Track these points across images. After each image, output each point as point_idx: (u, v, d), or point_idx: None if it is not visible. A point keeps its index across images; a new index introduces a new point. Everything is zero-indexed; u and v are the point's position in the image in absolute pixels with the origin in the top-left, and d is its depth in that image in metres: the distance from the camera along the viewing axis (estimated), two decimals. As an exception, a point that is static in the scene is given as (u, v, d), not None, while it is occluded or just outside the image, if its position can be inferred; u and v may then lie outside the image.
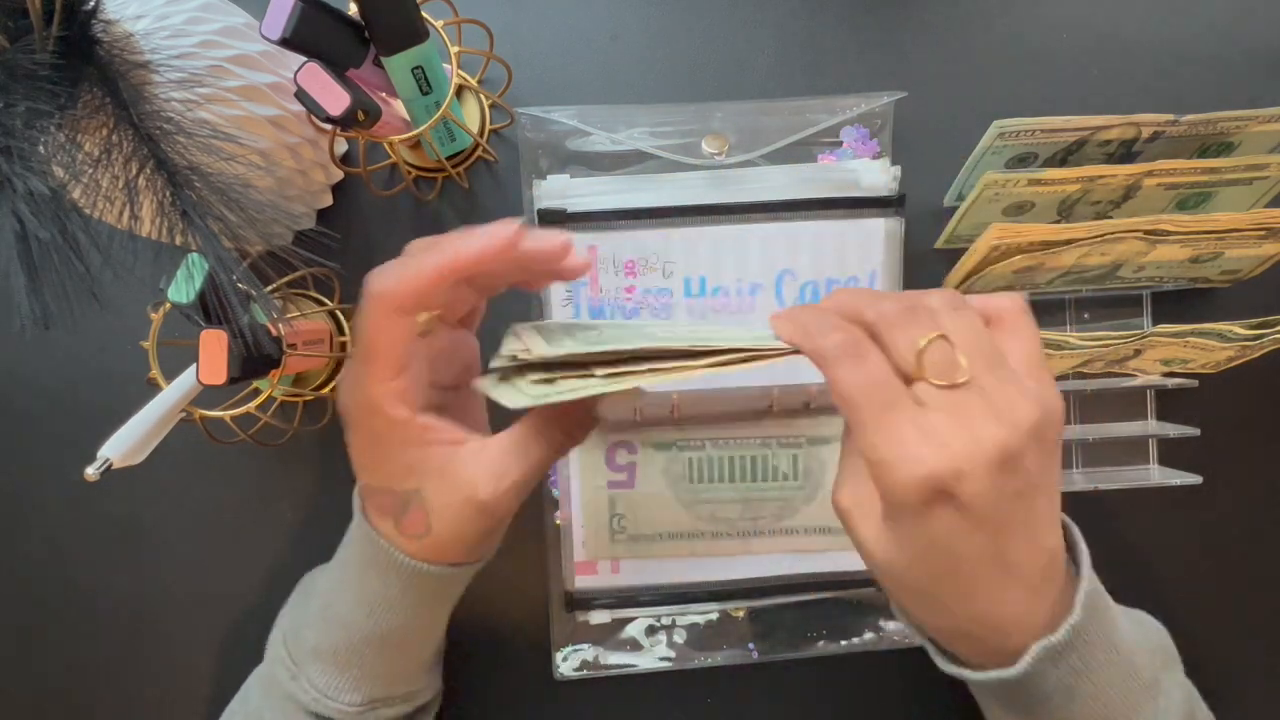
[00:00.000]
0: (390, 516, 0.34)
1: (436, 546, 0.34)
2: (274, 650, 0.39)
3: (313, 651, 0.37)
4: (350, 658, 0.36)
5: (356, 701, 0.36)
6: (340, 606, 0.37)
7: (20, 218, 0.28)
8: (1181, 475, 0.49)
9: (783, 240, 0.47)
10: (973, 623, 0.30)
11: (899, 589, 0.31)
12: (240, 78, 0.37)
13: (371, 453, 0.34)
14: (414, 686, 0.40)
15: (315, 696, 0.36)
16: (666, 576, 0.50)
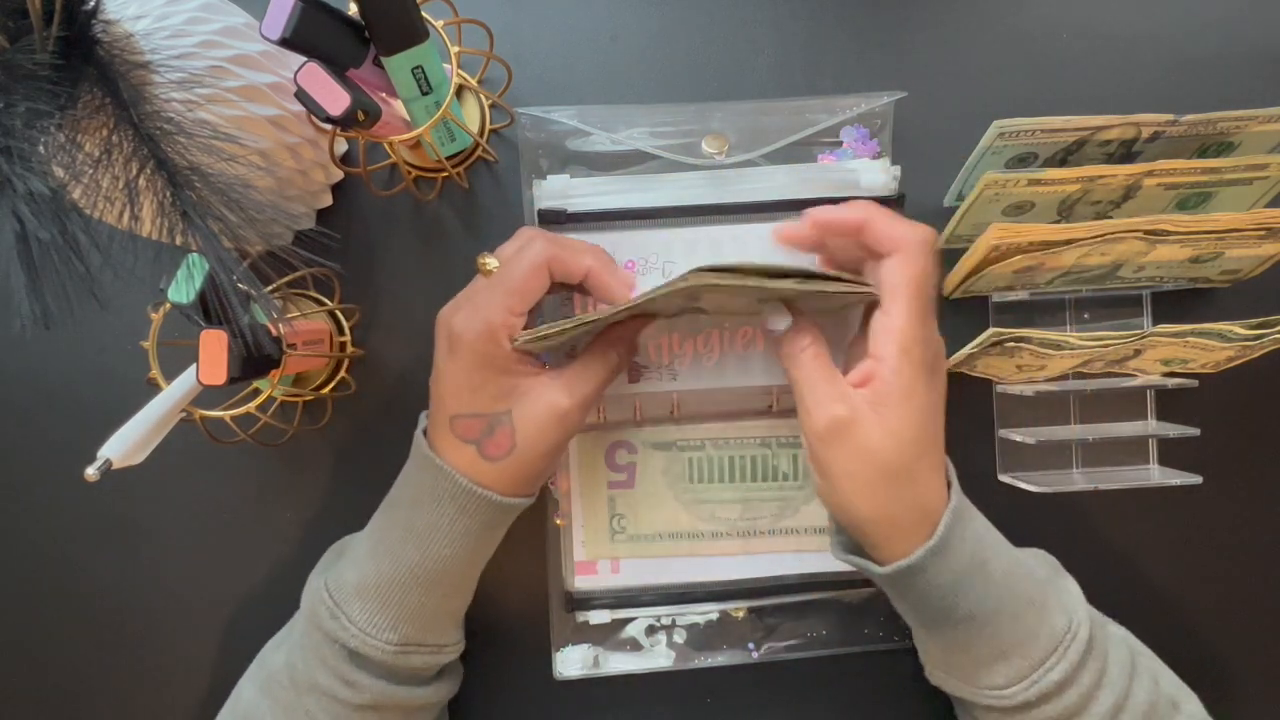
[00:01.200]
0: (474, 441, 0.38)
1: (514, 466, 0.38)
2: (313, 594, 0.40)
3: (355, 589, 0.38)
4: (392, 593, 0.38)
5: (394, 640, 0.38)
6: (388, 542, 0.39)
7: (20, 218, 0.28)
8: (1181, 475, 0.49)
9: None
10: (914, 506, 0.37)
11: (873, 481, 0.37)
12: (240, 78, 0.38)
13: (471, 378, 0.39)
14: (443, 639, 0.41)
15: (355, 633, 0.37)
16: (666, 576, 0.50)
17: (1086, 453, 0.51)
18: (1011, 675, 0.37)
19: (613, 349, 0.42)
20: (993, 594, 0.37)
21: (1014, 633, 0.36)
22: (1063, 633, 0.36)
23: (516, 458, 0.38)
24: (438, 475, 0.38)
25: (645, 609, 0.50)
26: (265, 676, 0.40)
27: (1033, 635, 0.36)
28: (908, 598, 0.39)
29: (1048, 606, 0.37)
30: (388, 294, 0.50)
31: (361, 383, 0.50)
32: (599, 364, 0.41)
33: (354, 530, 0.48)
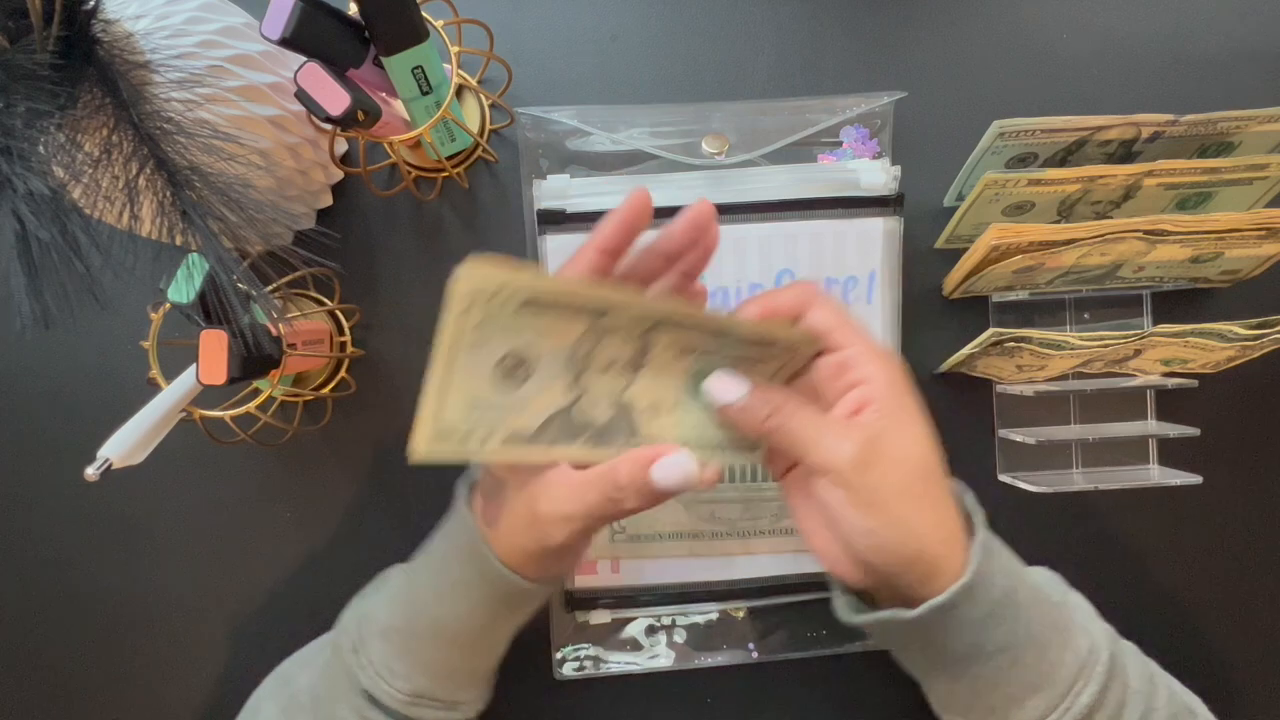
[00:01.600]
0: (484, 494, 0.37)
1: (503, 541, 0.36)
2: (342, 624, 0.39)
3: (382, 630, 0.38)
4: (411, 641, 0.37)
5: (405, 690, 0.37)
6: (415, 588, 0.38)
7: (20, 218, 0.28)
8: (1181, 475, 0.49)
9: (782, 240, 0.47)
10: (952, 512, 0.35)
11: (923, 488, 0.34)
12: (240, 78, 0.37)
13: None
14: (459, 696, 0.40)
15: (370, 675, 0.37)
16: (666, 576, 0.49)
17: (1086, 453, 0.51)
18: (1044, 707, 0.35)
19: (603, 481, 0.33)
20: (1023, 623, 0.35)
21: (1043, 662, 0.35)
22: (1086, 654, 0.35)
23: (499, 534, 0.36)
24: (468, 534, 0.36)
25: (645, 609, 0.50)
26: (288, 697, 0.40)
27: (1060, 662, 0.35)
28: (934, 641, 0.36)
29: (1070, 630, 0.36)
30: (388, 294, 0.50)
31: (361, 383, 0.50)
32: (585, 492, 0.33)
33: (354, 531, 0.48)
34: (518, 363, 0.31)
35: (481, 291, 0.28)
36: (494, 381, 0.31)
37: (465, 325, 0.29)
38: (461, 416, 0.30)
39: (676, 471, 0.32)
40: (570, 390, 0.33)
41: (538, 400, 0.32)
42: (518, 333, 0.30)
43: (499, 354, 0.30)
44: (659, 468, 0.32)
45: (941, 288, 0.51)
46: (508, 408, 0.31)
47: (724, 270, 0.48)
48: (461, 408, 0.30)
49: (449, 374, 0.29)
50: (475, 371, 0.30)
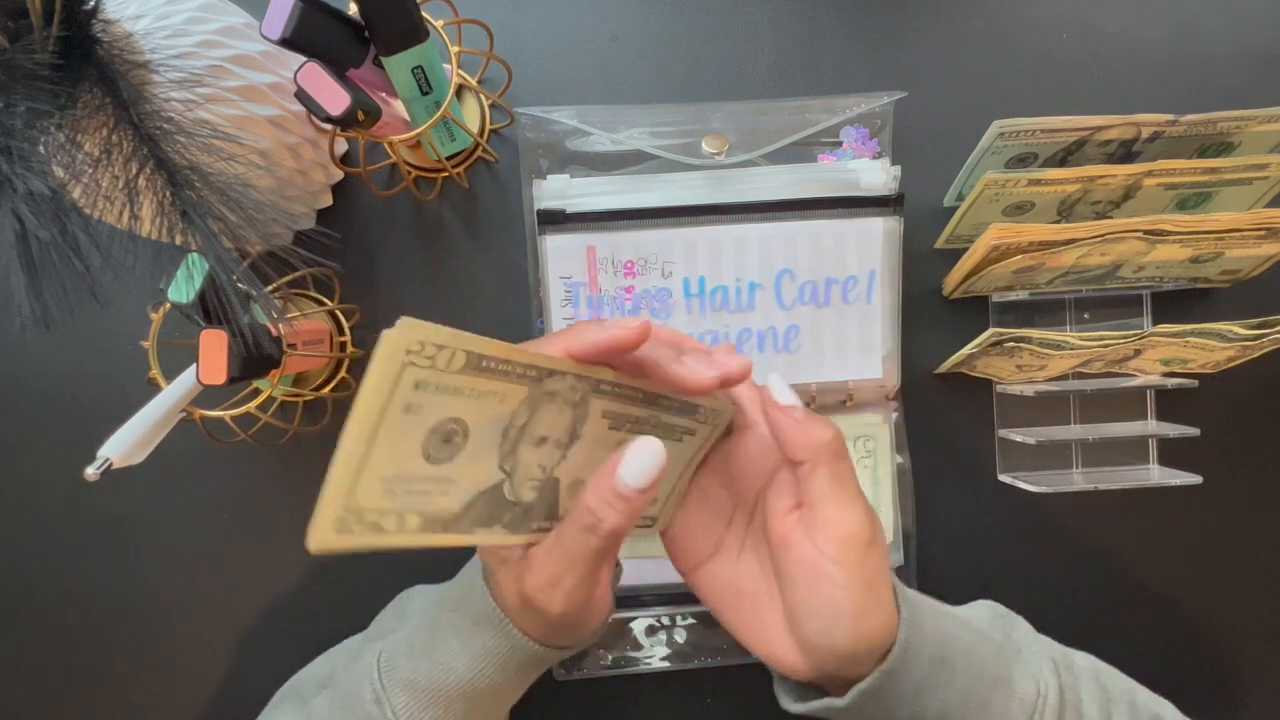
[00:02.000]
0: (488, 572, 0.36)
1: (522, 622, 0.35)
2: (365, 666, 0.38)
3: (405, 683, 0.37)
4: (440, 699, 0.36)
5: None
6: (445, 652, 0.37)
7: (20, 218, 0.28)
8: (1181, 475, 0.49)
9: (782, 240, 0.47)
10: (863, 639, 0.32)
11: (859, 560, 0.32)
12: (240, 78, 0.37)
13: None
14: None
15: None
16: (666, 576, 0.49)
17: (1086, 453, 0.51)
18: None
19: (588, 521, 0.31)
20: (958, 687, 0.34)
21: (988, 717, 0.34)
22: (1033, 699, 0.35)
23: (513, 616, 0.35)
24: (491, 610, 0.35)
25: (645, 609, 0.50)
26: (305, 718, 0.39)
27: (1005, 712, 0.34)
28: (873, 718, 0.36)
29: (1013, 678, 0.35)
30: (388, 294, 0.50)
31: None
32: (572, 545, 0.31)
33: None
34: (452, 433, 0.27)
35: (425, 346, 0.25)
36: (423, 454, 0.26)
37: (401, 385, 0.25)
38: (377, 497, 0.25)
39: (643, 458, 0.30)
40: (502, 465, 0.29)
41: (466, 477, 0.28)
42: (457, 395, 0.26)
43: (433, 420, 0.26)
44: (623, 466, 0.30)
45: (941, 288, 0.51)
46: (432, 486, 0.27)
47: (724, 270, 0.48)
48: (379, 486, 0.25)
49: (370, 445, 0.25)
50: (402, 442, 0.26)
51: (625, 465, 0.30)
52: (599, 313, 0.48)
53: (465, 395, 0.27)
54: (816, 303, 0.48)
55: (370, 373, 0.24)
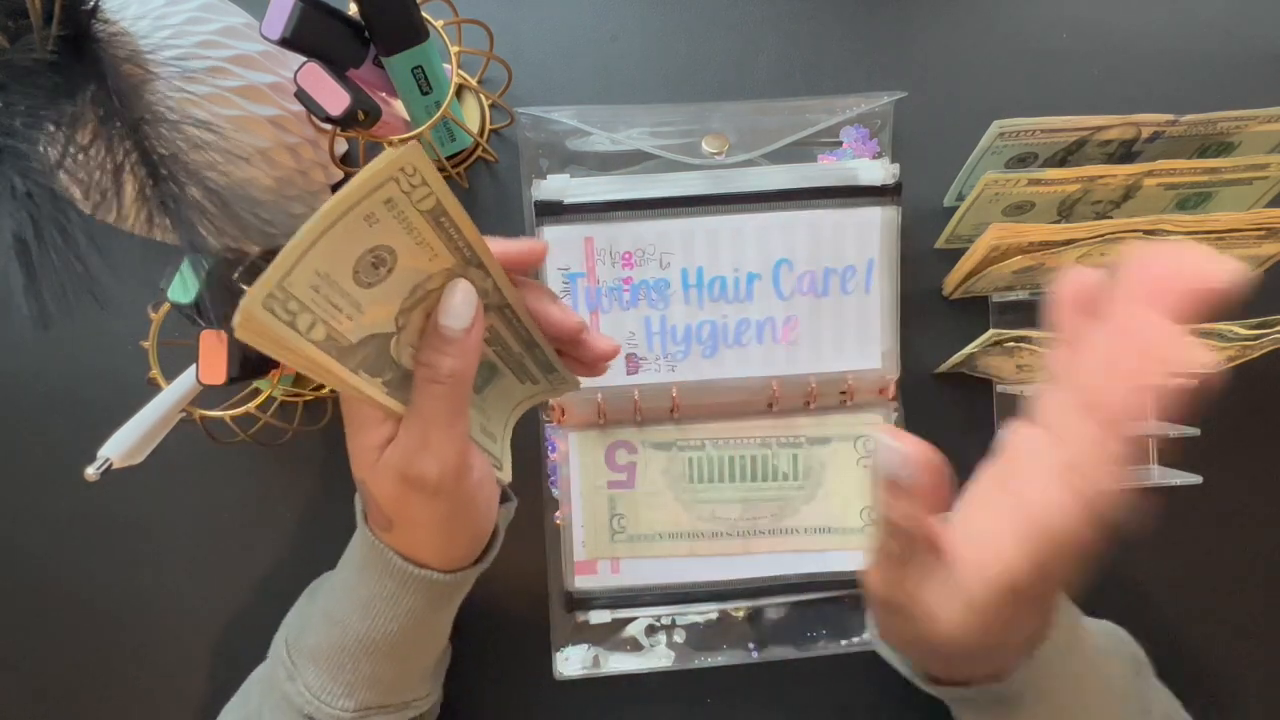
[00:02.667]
0: (364, 505, 0.35)
1: (409, 542, 0.34)
2: (275, 650, 0.39)
3: (310, 653, 0.37)
4: (344, 660, 0.36)
5: (349, 708, 0.36)
6: (339, 608, 0.37)
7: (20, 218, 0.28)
8: (1181, 475, 0.48)
9: (780, 230, 0.47)
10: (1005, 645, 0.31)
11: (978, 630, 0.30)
12: (240, 78, 0.37)
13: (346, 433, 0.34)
14: (411, 695, 0.39)
15: (309, 699, 0.36)
16: (666, 576, 0.49)
17: (1086, 453, 0.51)
18: None
19: (426, 372, 0.31)
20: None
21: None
22: None
23: (400, 531, 0.34)
24: (371, 546, 0.35)
25: (645, 609, 0.50)
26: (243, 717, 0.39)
27: None
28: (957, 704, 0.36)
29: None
30: (388, 294, 0.50)
31: (361, 383, 0.50)
32: (422, 402, 0.31)
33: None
34: (383, 261, 0.29)
35: (416, 173, 0.27)
36: (354, 268, 0.28)
37: (373, 196, 0.27)
38: (304, 289, 0.26)
39: (458, 301, 0.31)
40: (398, 318, 0.30)
41: (371, 312, 0.29)
42: (406, 232, 0.28)
43: (376, 240, 0.28)
44: (442, 312, 0.31)
45: (941, 288, 0.51)
46: (345, 304, 0.28)
47: (722, 260, 0.48)
48: (310, 278, 0.26)
49: (318, 238, 0.26)
50: (345, 245, 0.27)
51: (443, 310, 0.31)
52: (597, 304, 0.48)
53: (411, 235, 0.29)
54: (815, 293, 0.48)
55: (360, 172, 0.26)
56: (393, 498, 0.32)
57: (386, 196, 0.27)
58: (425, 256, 0.30)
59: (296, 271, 0.26)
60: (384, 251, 0.28)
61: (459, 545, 0.35)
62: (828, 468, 0.50)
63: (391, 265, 0.29)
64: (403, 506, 0.32)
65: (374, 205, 0.27)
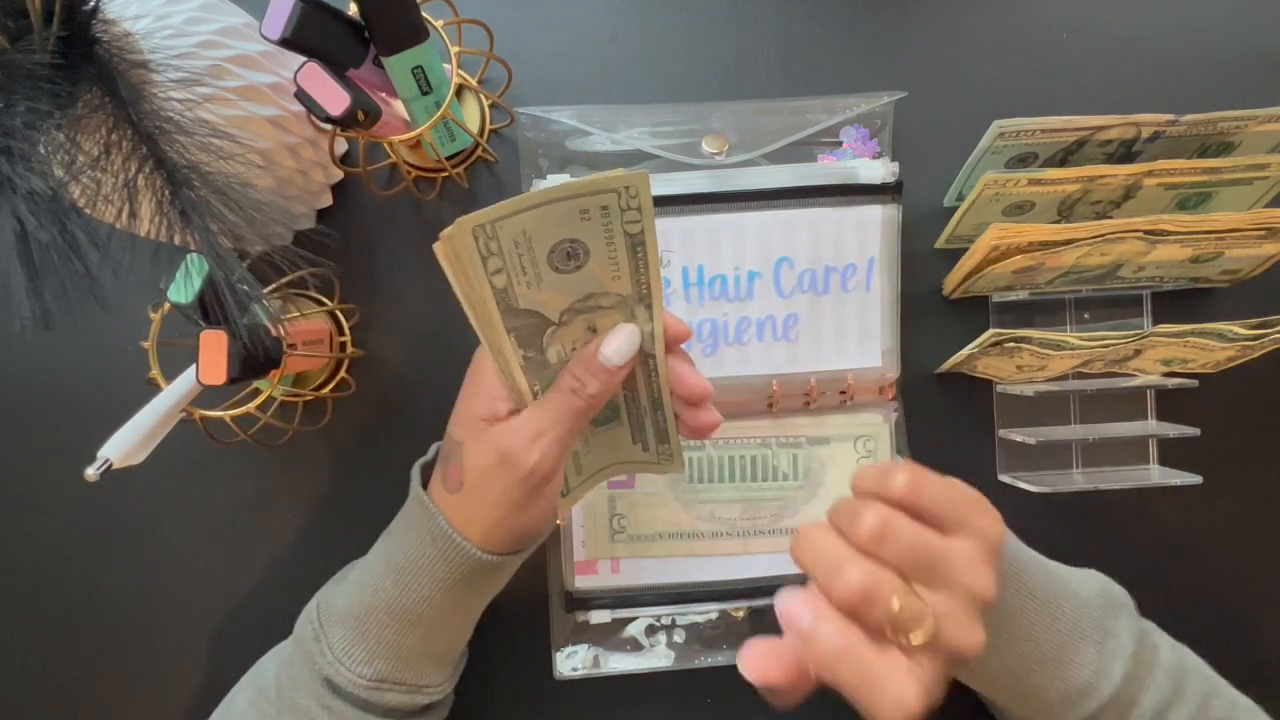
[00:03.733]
0: (442, 461, 0.37)
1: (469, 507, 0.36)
2: (306, 613, 0.40)
3: (340, 615, 0.38)
4: (370, 624, 0.37)
5: (366, 675, 0.37)
6: (374, 573, 0.38)
7: (20, 218, 0.28)
8: (1181, 475, 0.49)
9: (780, 228, 0.47)
10: None
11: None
12: (240, 78, 0.37)
13: (463, 394, 0.38)
14: (424, 680, 0.40)
15: (330, 659, 0.37)
16: (666, 576, 0.49)
17: (1086, 453, 0.51)
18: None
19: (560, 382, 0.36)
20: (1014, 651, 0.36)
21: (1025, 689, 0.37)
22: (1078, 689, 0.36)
23: (467, 499, 0.36)
24: (423, 511, 0.37)
25: (645, 609, 0.50)
26: (257, 689, 0.40)
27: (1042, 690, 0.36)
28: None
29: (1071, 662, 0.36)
30: (388, 294, 0.50)
31: (361, 383, 0.50)
32: (556, 405, 0.35)
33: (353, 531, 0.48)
34: (576, 255, 0.32)
35: (635, 196, 0.30)
36: (552, 246, 0.31)
37: (595, 196, 0.30)
38: (508, 238, 0.30)
39: (622, 341, 0.35)
40: (563, 314, 0.34)
41: (548, 294, 0.33)
42: (605, 241, 0.31)
43: (580, 235, 0.31)
44: (607, 344, 0.35)
45: (941, 288, 0.51)
46: (531, 271, 0.32)
47: (722, 258, 0.48)
48: (515, 233, 0.30)
49: (539, 205, 0.29)
50: (554, 224, 0.30)
51: (608, 344, 0.35)
52: None
53: (608, 246, 0.32)
54: (815, 291, 0.48)
55: (595, 174, 0.30)
56: (482, 466, 0.35)
57: (604, 203, 0.30)
58: (610, 272, 0.33)
59: (511, 221, 0.29)
60: (581, 248, 0.32)
61: (506, 531, 0.37)
62: (828, 468, 0.50)
63: (581, 263, 0.32)
64: (485, 476, 0.35)
65: (591, 204, 0.30)
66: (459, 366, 0.50)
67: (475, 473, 0.36)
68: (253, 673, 0.42)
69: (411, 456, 0.52)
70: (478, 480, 0.36)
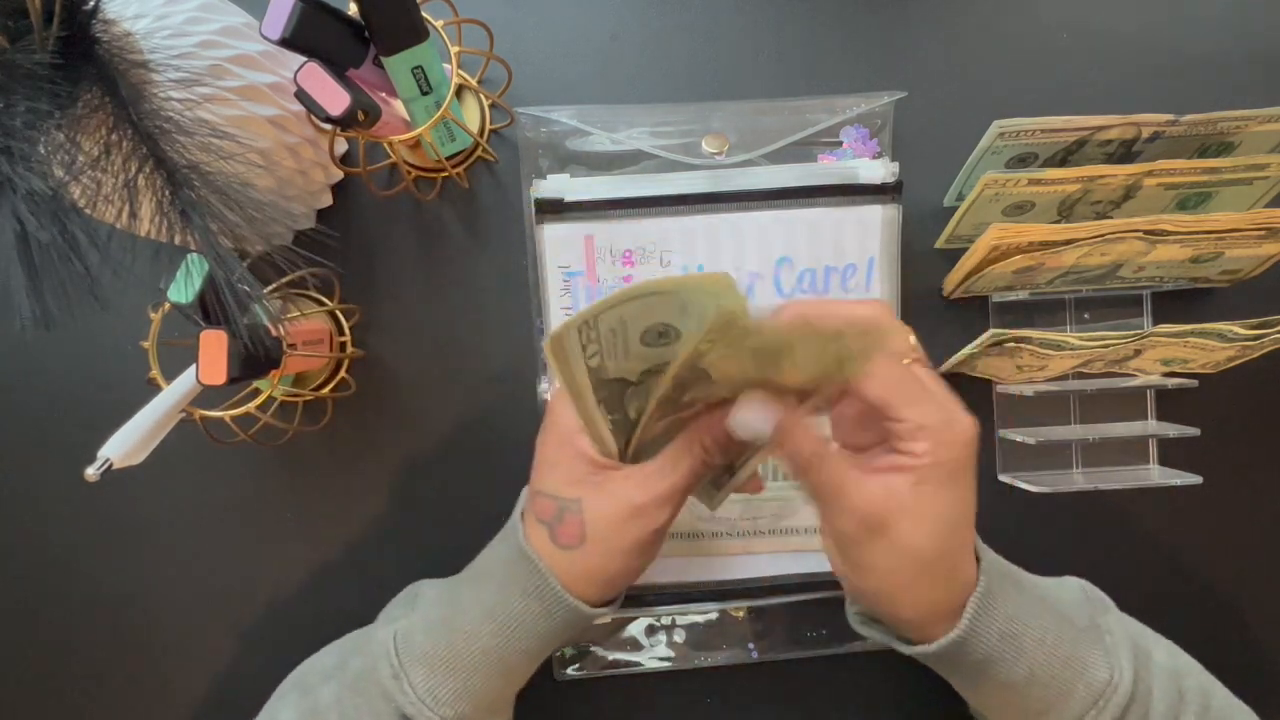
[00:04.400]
0: (546, 524, 0.37)
1: (588, 561, 0.36)
2: (377, 648, 0.38)
3: (423, 656, 0.37)
4: (460, 670, 0.37)
5: (449, 716, 0.37)
6: (467, 619, 0.37)
7: (20, 218, 0.28)
8: (1181, 475, 0.49)
9: (780, 228, 0.47)
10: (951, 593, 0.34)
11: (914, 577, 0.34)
12: (240, 78, 0.37)
13: (553, 453, 0.38)
14: (495, 718, 0.40)
15: (414, 700, 0.36)
16: (666, 576, 0.49)
17: (1086, 453, 0.51)
18: None
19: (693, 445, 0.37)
20: (1025, 663, 0.35)
21: (1048, 693, 0.35)
22: (1103, 686, 0.35)
23: (589, 551, 0.36)
24: (530, 569, 0.37)
25: (645, 609, 0.50)
26: (309, 709, 0.38)
27: (1068, 693, 0.35)
28: (939, 667, 0.38)
29: (1087, 662, 0.36)
30: (388, 294, 0.50)
31: (361, 383, 0.50)
32: (678, 460, 0.37)
33: (354, 531, 0.48)
34: (667, 335, 0.33)
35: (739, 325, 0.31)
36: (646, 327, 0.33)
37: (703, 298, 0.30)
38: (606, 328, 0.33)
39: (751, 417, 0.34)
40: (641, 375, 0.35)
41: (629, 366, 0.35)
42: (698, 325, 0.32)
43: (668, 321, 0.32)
44: (734, 419, 0.34)
45: (941, 288, 0.51)
46: (622, 349, 0.34)
47: (722, 258, 0.48)
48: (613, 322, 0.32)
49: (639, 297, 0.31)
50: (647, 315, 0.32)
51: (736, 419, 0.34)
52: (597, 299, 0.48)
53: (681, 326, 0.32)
54: (815, 291, 0.48)
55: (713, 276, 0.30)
56: (610, 517, 0.36)
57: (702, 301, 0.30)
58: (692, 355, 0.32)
59: (610, 313, 0.32)
60: (673, 330, 0.33)
61: (626, 579, 0.38)
62: (828, 468, 0.50)
63: (670, 342, 0.33)
64: (614, 528, 0.36)
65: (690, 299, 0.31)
66: (459, 366, 0.51)
67: (601, 526, 0.36)
68: (297, 690, 0.40)
69: (411, 456, 0.52)
70: (605, 534, 0.36)
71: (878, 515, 0.32)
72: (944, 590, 0.34)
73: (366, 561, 0.50)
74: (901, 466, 0.33)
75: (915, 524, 0.33)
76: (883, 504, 0.32)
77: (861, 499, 0.33)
